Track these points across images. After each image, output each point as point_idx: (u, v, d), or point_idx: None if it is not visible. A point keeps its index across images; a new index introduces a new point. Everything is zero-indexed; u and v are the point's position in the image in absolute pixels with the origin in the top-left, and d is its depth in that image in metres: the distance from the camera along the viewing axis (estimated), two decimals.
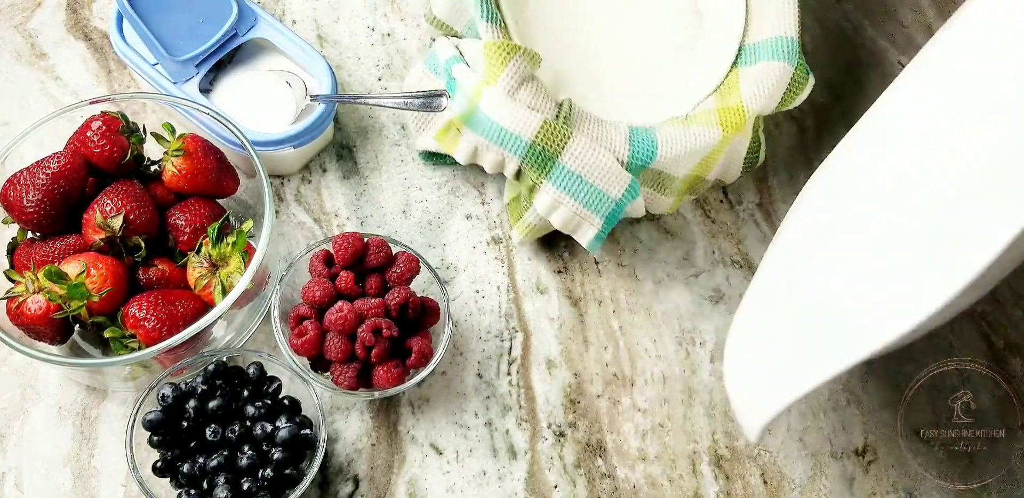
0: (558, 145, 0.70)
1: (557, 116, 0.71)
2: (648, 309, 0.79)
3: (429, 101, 0.76)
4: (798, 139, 0.86)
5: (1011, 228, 0.46)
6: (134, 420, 0.67)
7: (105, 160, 0.70)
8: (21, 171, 0.68)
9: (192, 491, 0.66)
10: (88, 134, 0.70)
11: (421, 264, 0.72)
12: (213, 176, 0.71)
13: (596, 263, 0.80)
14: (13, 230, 0.71)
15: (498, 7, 0.72)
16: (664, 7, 0.80)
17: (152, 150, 0.73)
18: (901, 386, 0.78)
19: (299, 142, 0.75)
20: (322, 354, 0.70)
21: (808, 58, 0.81)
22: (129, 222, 0.68)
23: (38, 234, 0.70)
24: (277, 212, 0.79)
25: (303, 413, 0.70)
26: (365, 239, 0.72)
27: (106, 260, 0.67)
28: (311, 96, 0.76)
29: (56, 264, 0.66)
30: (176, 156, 0.70)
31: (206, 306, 0.68)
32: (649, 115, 0.75)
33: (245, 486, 0.66)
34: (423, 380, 0.73)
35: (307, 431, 0.69)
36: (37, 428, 0.72)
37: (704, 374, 0.77)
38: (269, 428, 0.67)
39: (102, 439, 0.72)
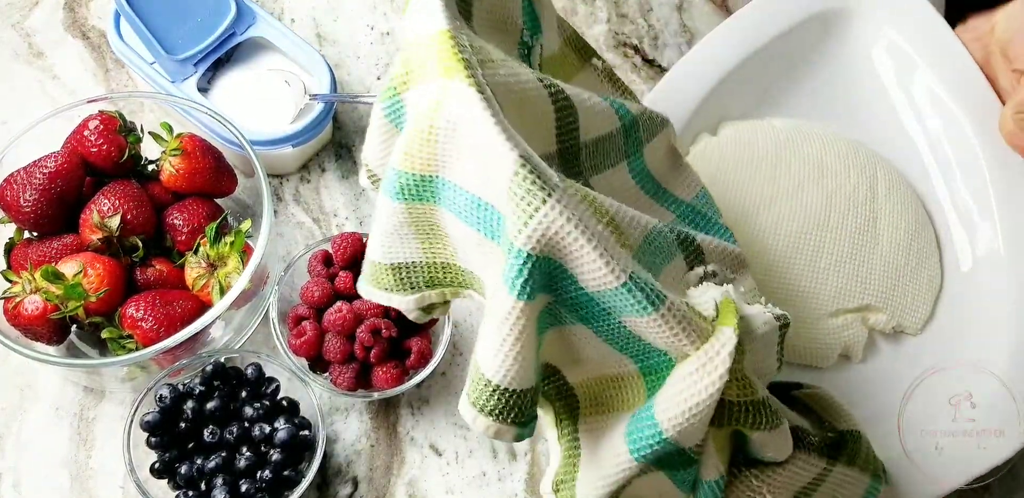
0: None
1: None
2: None
3: None
4: None
5: None
6: (132, 421, 0.67)
7: (102, 159, 0.69)
8: (18, 170, 0.68)
9: (190, 492, 0.66)
10: (85, 133, 0.69)
11: None
12: (211, 176, 0.71)
13: None
14: (10, 230, 0.71)
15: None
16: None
17: (150, 149, 0.72)
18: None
19: (298, 141, 0.75)
20: (321, 355, 0.70)
21: None
22: (126, 222, 0.68)
23: (35, 234, 0.70)
24: (276, 212, 0.79)
25: (302, 414, 0.70)
26: (364, 239, 0.72)
27: (103, 260, 0.67)
28: (310, 95, 0.76)
29: (53, 264, 0.66)
30: (174, 155, 0.70)
31: (204, 306, 0.67)
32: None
33: (243, 487, 0.65)
34: (422, 381, 0.73)
35: (306, 432, 0.68)
36: (35, 429, 0.72)
37: None
38: (268, 429, 0.67)
39: (100, 440, 0.72)
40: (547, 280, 0.47)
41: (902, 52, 0.78)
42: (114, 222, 0.67)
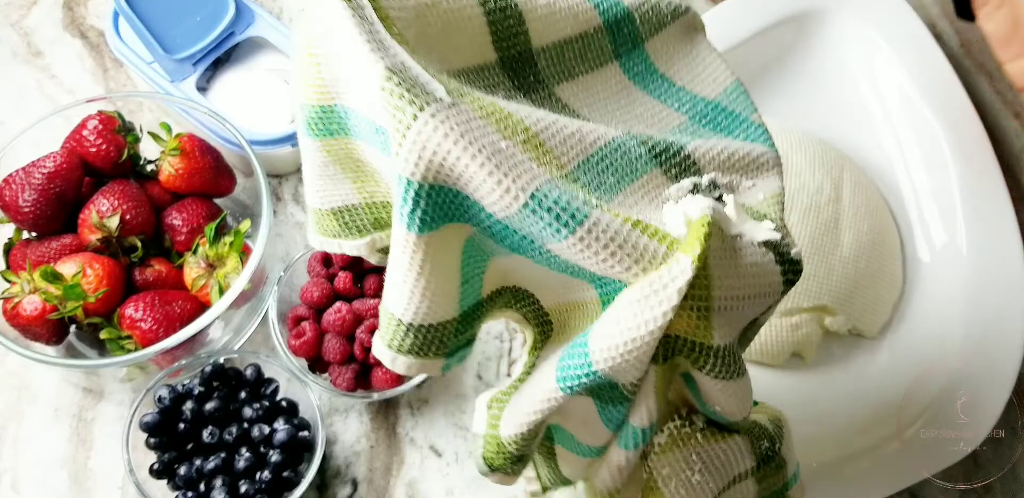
0: None
1: None
2: None
3: None
4: None
5: None
6: (131, 422, 0.66)
7: (101, 159, 0.69)
8: (17, 171, 0.68)
9: (189, 493, 0.66)
10: (84, 133, 0.69)
11: None
12: (210, 175, 0.71)
13: None
14: (9, 230, 0.70)
15: None
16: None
17: (149, 149, 0.72)
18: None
19: (297, 141, 0.75)
20: (320, 355, 0.70)
21: None
22: (125, 222, 0.67)
23: (34, 234, 0.70)
24: (275, 212, 0.79)
25: (301, 415, 0.70)
26: None
27: (102, 260, 0.66)
28: None
29: (52, 264, 0.66)
30: (173, 155, 0.69)
31: (203, 307, 0.67)
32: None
33: (243, 488, 0.65)
34: (422, 382, 0.73)
35: (305, 433, 0.68)
36: (33, 430, 0.72)
37: None
38: (267, 430, 0.67)
39: (99, 441, 0.72)
40: (449, 210, 0.41)
41: (877, 54, 0.79)
42: (113, 222, 0.67)
